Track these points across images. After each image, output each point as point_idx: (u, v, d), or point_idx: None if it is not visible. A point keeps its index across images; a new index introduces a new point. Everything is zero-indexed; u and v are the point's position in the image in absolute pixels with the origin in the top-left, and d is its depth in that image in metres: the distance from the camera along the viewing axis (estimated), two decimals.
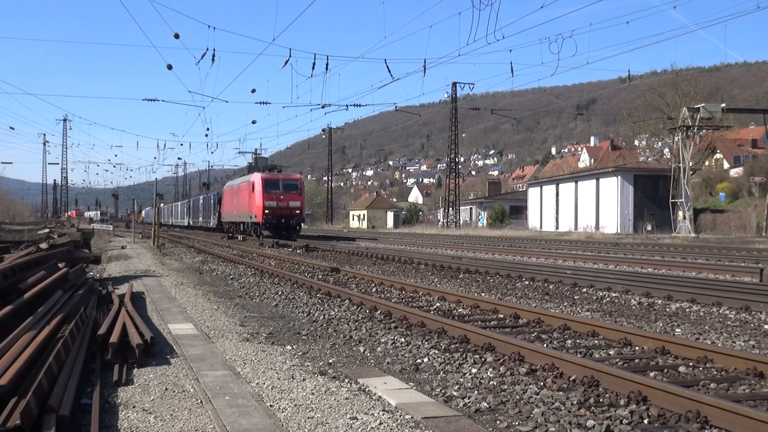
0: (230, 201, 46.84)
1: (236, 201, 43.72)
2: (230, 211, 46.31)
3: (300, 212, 38.09)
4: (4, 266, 8.83)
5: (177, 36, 22.45)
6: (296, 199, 37.88)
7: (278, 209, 36.85)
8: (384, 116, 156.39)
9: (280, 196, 37.14)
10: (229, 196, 47.85)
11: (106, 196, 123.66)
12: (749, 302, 10.24)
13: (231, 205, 46.33)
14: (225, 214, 48.78)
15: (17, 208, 71.83)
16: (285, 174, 41.61)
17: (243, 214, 41.30)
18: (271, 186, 37.54)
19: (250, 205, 38.63)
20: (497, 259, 22.12)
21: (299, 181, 39.73)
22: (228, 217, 47.81)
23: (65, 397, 4.84)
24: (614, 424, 4.72)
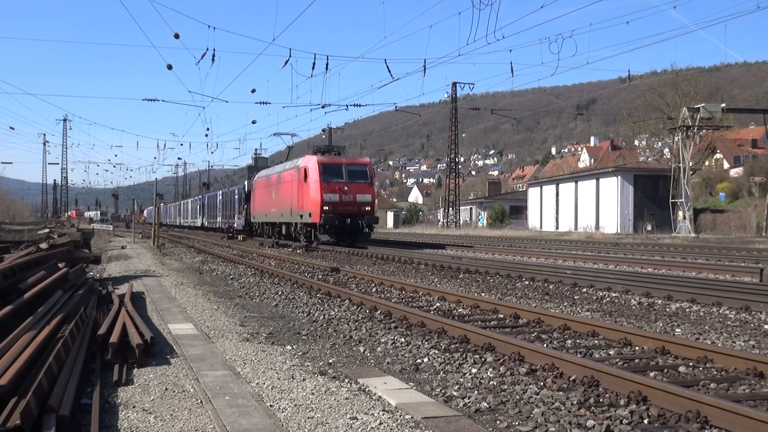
0: (265, 196, 36.94)
1: (275, 195, 34.23)
2: (265, 208, 36.78)
3: (371, 209, 28.40)
4: (4, 266, 8.83)
5: (177, 36, 22.47)
6: (366, 191, 28.42)
7: (342, 205, 27.63)
8: (384, 116, 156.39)
9: (344, 186, 27.86)
10: (263, 190, 37.79)
11: (106, 196, 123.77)
12: (749, 302, 10.23)
13: (266, 201, 36.52)
14: (257, 212, 39.45)
15: (17, 208, 71.85)
16: (349, 157, 30.99)
17: (287, 212, 31.80)
18: (332, 173, 28.10)
19: (300, 200, 29.29)
20: (497, 259, 22.12)
21: (368, 167, 29.54)
22: (261, 217, 38.21)
23: (65, 397, 4.84)
24: (614, 424, 4.72)
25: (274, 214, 34.64)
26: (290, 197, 30.94)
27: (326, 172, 28.07)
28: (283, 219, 32.78)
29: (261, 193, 38.27)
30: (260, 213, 38.37)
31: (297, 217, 30.10)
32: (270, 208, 35.65)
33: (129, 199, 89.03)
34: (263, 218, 37.70)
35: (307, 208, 28.38)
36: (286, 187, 31.85)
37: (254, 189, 40.64)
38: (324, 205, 27.42)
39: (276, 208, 34.20)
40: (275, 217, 34.59)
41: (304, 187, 28.79)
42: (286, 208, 31.96)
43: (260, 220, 38.81)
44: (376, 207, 29.30)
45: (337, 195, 27.77)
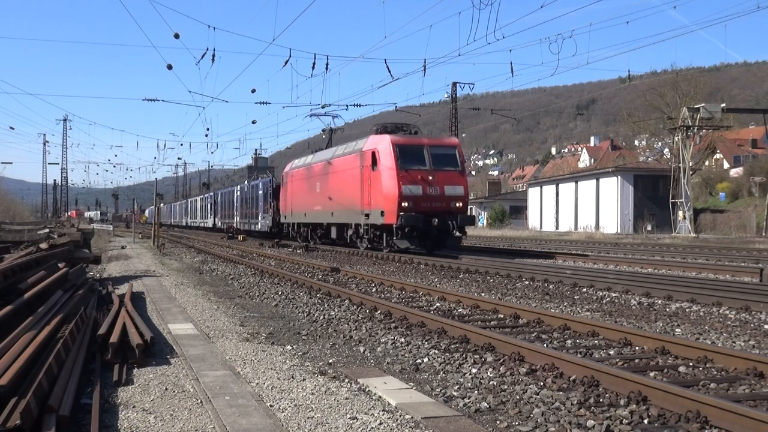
0: (304, 190, 30.32)
1: (321, 189, 27.79)
2: (305, 205, 30.08)
3: (463, 205, 21.85)
4: (4, 266, 8.83)
5: (177, 36, 22.45)
6: (457, 181, 21.91)
7: (427, 200, 21.25)
8: (384, 116, 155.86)
9: (429, 176, 21.36)
10: (301, 183, 31.03)
11: (106, 196, 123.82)
12: (749, 302, 10.23)
13: (307, 197, 29.85)
14: (291, 210, 32.46)
15: (17, 208, 71.93)
16: (432, 138, 24.34)
17: (341, 210, 25.45)
18: (412, 157, 21.61)
19: (365, 195, 22.78)
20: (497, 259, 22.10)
21: (457, 149, 22.71)
22: (297, 216, 31.62)
23: (65, 397, 4.84)
24: (614, 424, 4.72)
25: (319, 213, 28.16)
26: (347, 191, 24.53)
27: (404, 157, 21.39)
28: (335, 219, 26.36)
29: (298, 186, 31.35)
30: (297, 212, 31.52)
31: (358, 217, 23.56)
32: (313, 206, 28.98)
33: (129, 199, 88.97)
34: (300, 218, 31.13)
35: (378, 205, 21.74)
36: (340, 178, 25.47)
37: (287, 182, 33.57)
38: (402, 201, 20.80)
39: (322, 206, 27.67)
40: (320, 216, 28.18)
41: (373, 177, 22.12)
42: (339, 205, 25.49)
43: (296, 220, 31.92)
44: (468, 202, 22.88)
45: (420, 187, 21.21)
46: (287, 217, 33.69)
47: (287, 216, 33.64)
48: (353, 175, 24.18)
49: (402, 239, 21.36)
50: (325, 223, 28.14)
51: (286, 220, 34.06)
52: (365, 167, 22.90)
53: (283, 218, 34.44)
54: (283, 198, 34.38)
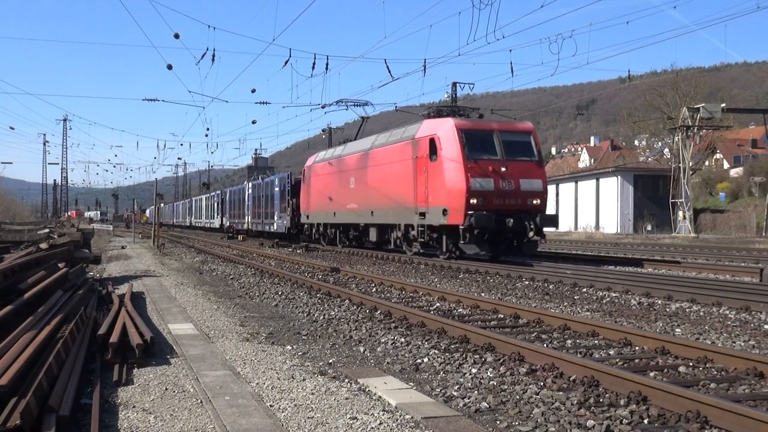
0: (334, 186, 26.78)
1: (357, 184, 24.31)
2: (335, 203, 26.49)
3: (541, 202, 18.52)
4: (4, 266, 8.84)
5: (177, 36, 22.42)
6: (534, 174, 18.64)
7: (500, 196, 17.96)
8: (384, 116, 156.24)
9: (501, 167, 18.09)
10: (329, 179, 27.52)
11: (106, 196, 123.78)
12: (749, 302, 10.23)
13: (337, 194, 26.25)
14: (316, 209, 29.01)
15: (17, 208, 71.97)
16: (502, 122, 20.42)
17: (385, 209, 21.94)
18: (481, 145, 18.34)
19: (423, 190, 19.23)
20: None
21: (533, 135, 19.24)
22: (323, 216, 28.23)
23: (65, 397, 4.84)
24: (614, 424, 4.72)
25: (354, 213, 24.55)
26: (394, 186, 21.05)
27: (472, 144, 18.04)
28: (376, 219, 22.76)
29: (325, 182, 27.83)
30: (323, 211, 28.09)
31: (409, 216, 20.13)
32: (344, 204, 25.32)
33: (129, 199, 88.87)
34: (327, 218, 27.69)
35: (438, 202, 18.38)
36: (384, 172, 21.96)
37: (310, 177, 30.01)
38: (471, 197, 17.51)
39: (357, 204, 24.15)
40: (355, 216, 24.50)
41: (431, 168, 18.77)
42: (383, 202, 21.85)
43: (322, 220, 28.63)
44: (547, 199, 19.05)
45: (492, 180, 17.90)
46: (309, 217, 30.09)
47: (309, 216, 30.03)
48: (403, 168, 20.51)
49: (470, 243, 17.78)
50: (362, 223, 24.29)
51: (308, 221, 30.40)
52: (420, 158, 19.43)
53: (305, 218, 30.76)
54: (305, 195, 30.54)
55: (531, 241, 18.27)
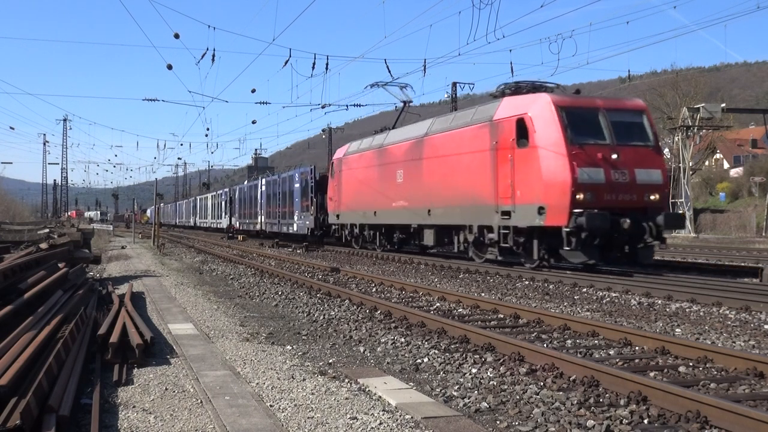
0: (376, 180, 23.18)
1: (410, 178, 20.72)
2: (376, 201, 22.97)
3: (660, 197, 15.31)
4: (4, 266, 8.84)
5: (177, 36, 22.41)
6: (652, 163, 15.43)
7: (611, 190, 14.70)
8: (384, 116, 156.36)
9: (611, 153, 14.80)
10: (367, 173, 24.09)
11: (106, 196, 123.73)
12: (749, 302, 10.24)
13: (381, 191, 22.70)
14: (349, 208, 25.54)
15: (17, 208, 72.00)
16: (608, 99, 17.26)
17: (451, 207, 18.41)
18: (585, 126, 15.02)
19: (507, 183, 15.82)
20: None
21: (646, 115, 16.01)
22: (359, 215, 24.64)
23: (65, 397, 4.84)
24: (614, 424, 4.72)
25: (403, 211, 20.97)
26: (464, 179, 17.61)
27: (575, 126, 14.68)
28: (435, 220, 19.20)
29: (362, 176, 24.38)
30: (359, 209, 24.57)
31: (486, 216, 16.61)
32: (390, 201, 21.78)
33: (129, 199, 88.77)
34: (366, 218, 24.07)
35: (531, 198, 14.93)
36: (450, 163, 18.39)
37: (340, 171, 26.37)
38: (578, 192, 14.12)
39: (408, 201, 20.65)
40: (405, 215, 20.92)
41: (519, 156, 15.32)
42: (446, 199, 18.49)
43: (357, 220, 25.04)
44: (668, 194, 16.45)
45: (602, 171, 14.58)
46: (340, 217, 26.50)
47: (341, 215, 26.38)
48: (477, 157, 17.05)
49: (575, 250, 14.25)
50: (414, 224, 20.66)
51: (338, 221, 26.85)
52: (501, 144, 15.91)
53: (334, 218, 27.20)
54: (334, 192, 26.98)
55: (648, 246, 14.70)
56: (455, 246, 19.01)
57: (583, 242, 14.24)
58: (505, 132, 15.96)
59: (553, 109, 14.87)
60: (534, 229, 15.34)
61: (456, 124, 18.71)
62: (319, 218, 29.78)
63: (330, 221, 27.96)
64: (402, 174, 21.38)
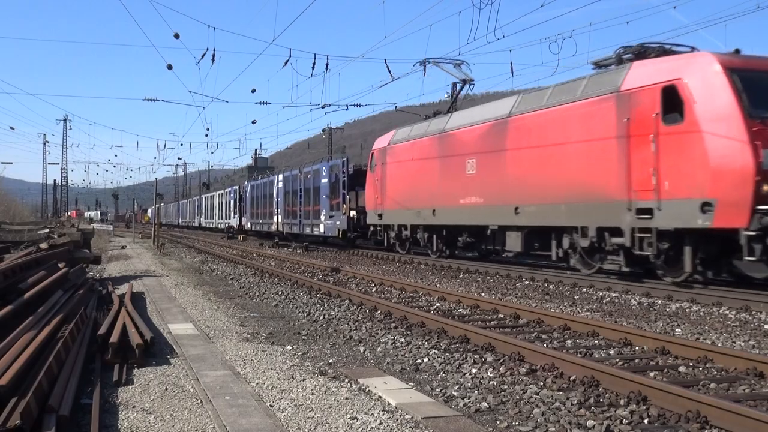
0: (436, 172, 19.84)
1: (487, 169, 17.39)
2: (436, 198, 19.75)
3: None
4: (4, 266, 8.84)
5: (177, 36, 22.39)
6: None
7: None
8: (384, 116, 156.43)
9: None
10: (422, 165, 20.66)
11: (106, 196, 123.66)
12: (749, 302, 10.24)
13: (443, 184, 19.39)
14: (400, 206, 21.79)
15: (17, 208, 71.95)
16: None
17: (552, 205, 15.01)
18: (763, 95, 11.46)
19: (650, 173, 12.36)
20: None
21: None
22: (411, 215, 21.17)
23: (65, 397, 4.84)
24: (614, 424, 4.72)
25: (477, 210, 17.62)
26: (575, 168, 14.33)
27: (754, 94, 11.54)
28: (526, 219, 15.78)
29: (415, 168, 21.00)
30: (411, 207, 20.98)
31: (613, 215, 13.39)
32: (458, 197, 18.42)
33: (129, 199, 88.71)
34: (421, 217, 20.52)
35: (690, 191, 11.80)
36: (550, 149, 14.97)
37: (385, 163, 22.90)
38: (765, 182, 11.00)
39: (484, 196, 17.31)
40: (480, 214, 17.56)
41: (671, 136, 12.17)
42: (544, 193, 15.07)
43: (407, 220, 21.61)
44: None
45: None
46: (384, 216, 22.92)
47: (384, 214, 22.89)
48: (598, 138, 13.71)
49: (759, 262, 10.98)
50: (494, 225, 16.98)
51: (380, 221, 23.22)
52: (637, 120, 12.78)
53: (373, 218, 23.66)
54: (375, 188, 23.42)
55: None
56: (553, 252, 15.33)
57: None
58: (643, 105, 12.65)
59: (721, 73, 11.50)
60: (687, 232, 11.98)
61: (558, 99, 14.96)
62: (352, 218, 26.18)
63: (369, 222, 24.30)
64: (474, 164, 17.76)
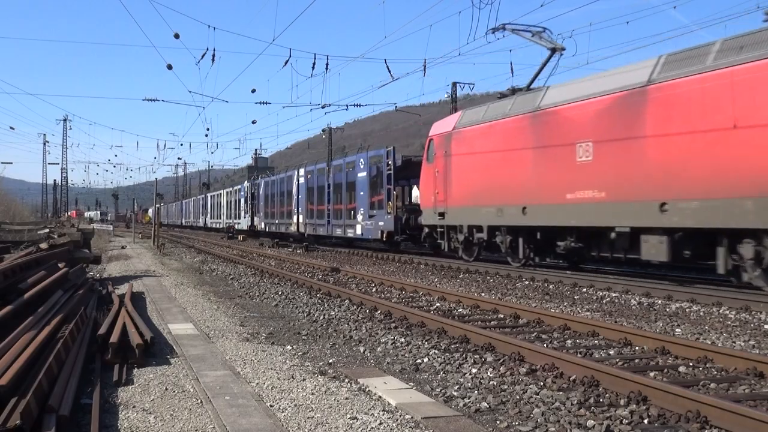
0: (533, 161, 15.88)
1: (614, 156, 13.52)
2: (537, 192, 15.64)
3: None
4: (4, 266, 8.84)
5: (177, 36, 22.40)
6: None
7: None
8: (384, 116, 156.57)
9: None
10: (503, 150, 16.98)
11: (106, 196, 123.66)
12: (749, 302, 10.24)
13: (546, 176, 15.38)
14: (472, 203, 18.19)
15: (17, 208, 71.94)
16: None
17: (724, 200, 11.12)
18: None
19: None
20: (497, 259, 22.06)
21: None
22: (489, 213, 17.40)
23: (65, 397, 4.84)
24: (614, 424, 4.72)
25: (598, 206, 13.94)
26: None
27: None
28: (677, 220, 12.22)
29: (497, 155, 17.08)
30: (491, 204, 17.16)
31: None
32: (563, 190, 14.77)
33: (129, 199, 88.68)
34: (503, 217, 16.75)
35: None
36: (728, 126, 11.29)
37: (450, 152, 19.00)
38: None
39: (608, 189, 13.73)
40: (603, 212, 13.84)
41: None
42: (712, 184, 11.53)
43: (482, 220, 17.70)
44: None
45: None
46: (447, 216, 19.11)
47: (447, 213, 19.08)
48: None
49: None
50: (625, 227, 13.35)
51: (442, 221, 19.36)
52: None
53: (432, 218, 19.85)
54: (437, 181, 19.51)
55: None
56: (720, 264, 11.75)
57: None
58: None
59: None
60: None
61: (733, 59, 11.32)
62: (400, 218, 22.65)
63: (424, 222, 20.58)
64: (590, 148, 14.17)
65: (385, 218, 23.32)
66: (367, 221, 24.75)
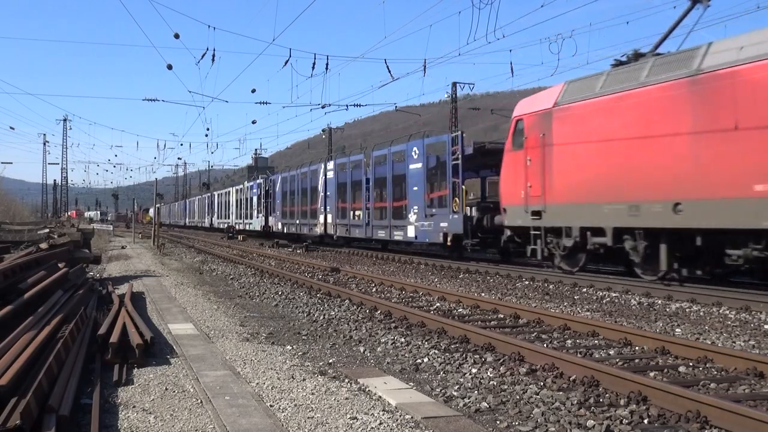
0: (687, 143, 11.66)
1: None
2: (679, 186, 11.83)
3: None
4: (4, 266, 8.84)
5: (177, 36, 22.41)
6: None
7: None
8: (384, 116, 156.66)
9: None
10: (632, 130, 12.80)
11: (106, 196, 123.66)
12: (749, 302, 10.24)
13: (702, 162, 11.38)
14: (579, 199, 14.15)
15: (17, 208, 71.98)
16: None
17: None
18: None
19: None
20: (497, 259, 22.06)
21: None
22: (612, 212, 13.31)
23: (65, 397, 4.84)
24: (614, 424, 4.72)
25: None
26: None
27: None
28: None
29: (628, 139, 13.12)
30: (615, 201, 13.31)
31: None
32: (750, 182, 10.62)
33: (129, 199, 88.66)
34: (645, 216, 12.67)
35: None
36: None
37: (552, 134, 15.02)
38: None
39: None
40: None
41: None
42: None
43: (603, 221, 13.77)
44: None
45: None
46: (546, 215, 15.23)
47: (546, 212, 15.20)
48: None
49: None
50: None
51: (538, 222, 15.45)
52: None
53: (523, 217, 15.88)
54: (529, 173, 15.67)
55: None
56: None
57: None
58: None
59: None
60: None
61: None
62: (471, 217, 19.03)
63: (508, 223, 16.59)
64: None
65: (450, 218, 19.09)
66: (423, 222, 20.61)
